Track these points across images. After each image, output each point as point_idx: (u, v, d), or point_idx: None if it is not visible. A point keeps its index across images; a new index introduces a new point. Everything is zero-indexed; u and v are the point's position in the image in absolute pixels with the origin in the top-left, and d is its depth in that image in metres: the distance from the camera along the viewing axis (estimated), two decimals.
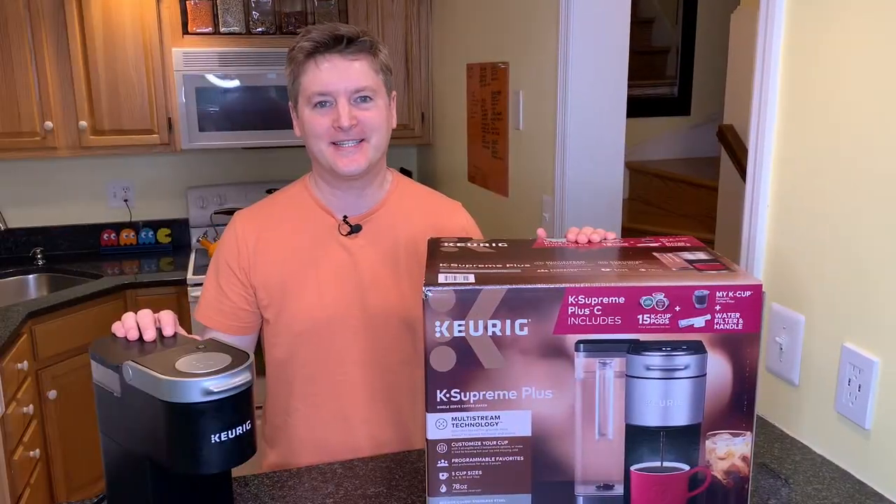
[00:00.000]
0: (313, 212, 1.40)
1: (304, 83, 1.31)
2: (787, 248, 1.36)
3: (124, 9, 3.08)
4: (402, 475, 1.26)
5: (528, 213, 2.57)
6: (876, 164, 1.14)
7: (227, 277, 1.40)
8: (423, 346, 0.95)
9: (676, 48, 4.63)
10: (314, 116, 1.31)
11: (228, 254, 1.40)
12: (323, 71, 1.29)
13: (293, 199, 1.43)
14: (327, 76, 1.28)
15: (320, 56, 1.29)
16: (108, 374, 1.02)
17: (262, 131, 3.29)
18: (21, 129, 3.05)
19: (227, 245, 1.41)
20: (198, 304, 1.44)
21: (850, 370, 1.21)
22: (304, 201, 1.42)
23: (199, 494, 1.08)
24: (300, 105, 1.33)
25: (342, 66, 1.29)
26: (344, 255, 1.38)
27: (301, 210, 1.41)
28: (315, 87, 1.29)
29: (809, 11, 1.27)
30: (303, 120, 1.33)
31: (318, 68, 1.29)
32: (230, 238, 1.41)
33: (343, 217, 1.39)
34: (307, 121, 1.32)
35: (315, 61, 1.29)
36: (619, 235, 1.27)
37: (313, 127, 1.31)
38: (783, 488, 1.20)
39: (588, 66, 2.19)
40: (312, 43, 1.29)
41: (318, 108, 1.30)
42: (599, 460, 0.99)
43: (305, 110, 1.32)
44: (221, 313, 1.41)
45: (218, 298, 1.41)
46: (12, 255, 3.43)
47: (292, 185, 1.47)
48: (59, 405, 2.76)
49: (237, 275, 1.39)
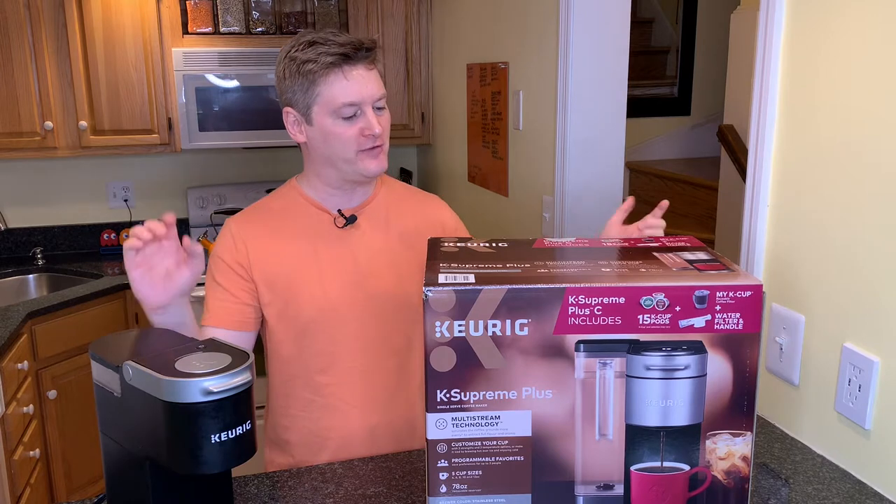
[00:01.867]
0: (307, 209, 1.42)
1: (329, 93, 1.30)
2: (787, 248, 1.36)
3: (124, 9, 3.08)
4: (402, 475, 1.26)
5: (528, 213, 2.57)
6: (876, 163, 1.14)
7: (228, 275, 1.40)
8: (423, 345, 0.95)
9: (676, 48, 4.63)
10: (341, 126, 1.31)
11: (226, 253, 1.40)
12: (351, 81, 1.30)
13: (284, 199, 1.45)
14: (357, 86, 1.30)
15: (347, 66, 1.30)
16: (108, 374, 1.02)
17: (262, 131, 3.29)
18: (21, 129, 3.05)
19: (224, 246, 1.41)
20: (203, 313, 1.42)
21: (850, 370, 1.21)
22: (296, 201, 1.43)
23: (199, 494, 1.08)
24: (317, 114, 1.32)
25: (366, 75, 1.32)
26: (342, 246, 1.41)
27: (294, 209, 1.43)
28: (345, 98, 1.29)
29: (809, 11, 1.27)
30: (322, 129, 1.33)
31: (345, 79, 1.29)
32: (226, 239, 1.41)
33: (338, 210, 1.42)
34: (331, 130, 1.32)
35: (343, 71, 1.29)
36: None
37: (340, 136, 1.32)
38: (783, 488, 1.20)
39: (588, 66, 2.19)
40: (336, 56, 1.29)
41: (347, 120, 1.31)
42: (599, 460, 0.99)
43: (327, 120, 1.31)
44: (228, 312, 1.39)
45: (222, 298, 1.40)
46: (12, 255, 3.43)
47: (278, 190, 1.48)
48: (59, 405, 2.76)
49: (237, 271, 1.39)
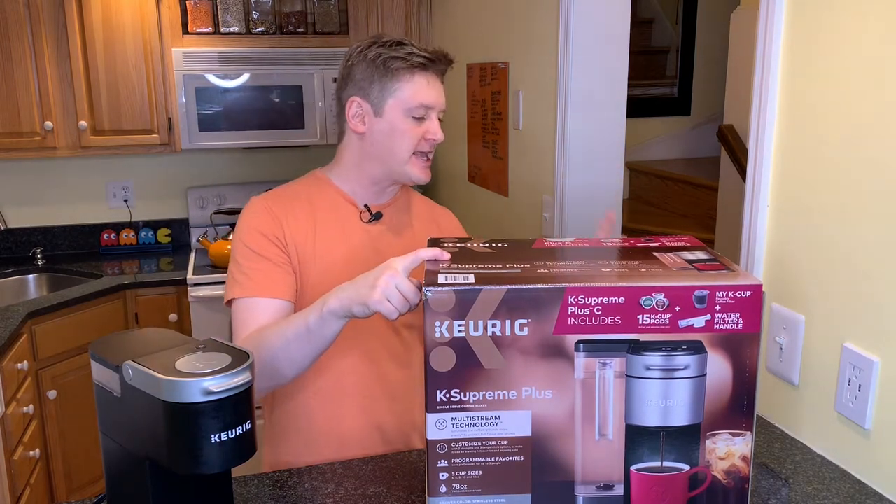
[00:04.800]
0: (334, 197, 1.45)
1: (410, 91, 1.37)
2: (787, 248, 1.36)
3: (124, 9, 3.08)
4: (402, 475, 1.26)
5: (528, 213, 2.57)
6: (876, 163, 1.14)
7: (269, 248, 1.36)
8: (423, 345, 0.95)
9: (676, 48, 4.63)
10: (411, 125, 1.38)
11: (264, 226, 1.37)
12: (431, 87, 1.39)
13: (310, 186, 1.46)
14: (435, 92, 1.39)
15: (430, 72, 1.39)
16: (108, 374, 1.02)
17: (262, 131, 3.29)
18: (21, 129, 3.05)
19: (261, 219, 1.38)
20: (236, 283, 1.36)
21: (850, 370, 1.21)
22: (324, 188, 1.45)
23: (199, 494, 1.08)
24: (391, 108, 1.37)
25: (439, 85, 1.41)
26: (366, 238, 1.44)
27: (322, 194, 1.45)
28: (424, 99, 1.37)
29: (809, 11, 1.27)
30: (391, 123, 1.38)
31: (427, 83, 1.38)
32: (261, 214, 1.38)
33: (364, 205, 1.45)
34: (399, 126, 1.37)
35: (426, 75, 1.38)
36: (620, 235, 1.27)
37: (406, 134, 1.38)
38: (783, 488, 1.20)
39: (588, 66, 2.19)
40: (426, 59, 1.37)
41: (418, 120, 1.38)
42: (599, 460, 0.99)
43: (399, 116, 1.37)
44: (284, 282, 1.36)
45: (266, 269, 1.36)
46: (12, 255, 3.43)
47: (302, 179, 1.49)
48: (59, 405, 2.76)
49: (276, 244, 1.37)
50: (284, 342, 1.24)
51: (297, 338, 1.22)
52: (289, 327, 1.23)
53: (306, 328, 1.21)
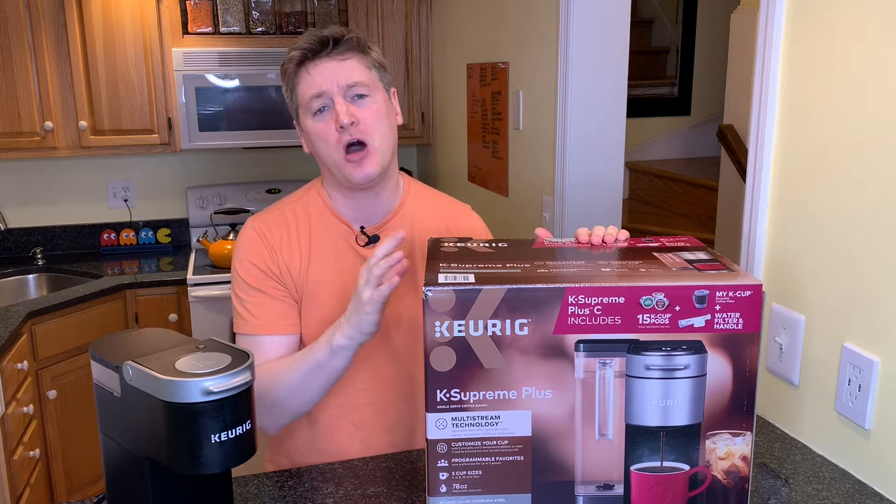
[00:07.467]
0: (329, 220, 1.38)
1: (300, 92, 1.30)
2: (787, 248, 1.36)
3: (124, 9, 3.08)
4: (402, 475, 1.26)
5: (528, 213, 2.57)
6: (876, 163, 1.14)
7: (264, 281, 1.34)
8: (423, 345, 0.95)
9: (676, 48, 4.63)
10: (317, 124, 1.29)
11: (257, 256, 1.34)
12: (314, 74, 1.28)
13: (307, 206, 1.40)
14: (319, 78, 1.28)
15: (310, 63, 1.28)
16: (108, 374, 1.02)
17: (262, 131, 3.29)
18: (21, 129, 3.05)
19: (252, 247, 1.35)
20: (240, 318, 1.36)
21: (850, 370, 1.21)
22: (319, 209, 1.39)
23: (199, 494, 1.08)
24: (302, 117, 1.32)
25: (335, 66, 1.28)
26: (361, 265, 1.34)
27: (317, 217, 1.38)
28: (310, 91, 1.28)
29: (809, 11, 1.27)
30: (308, 132, 1.32)
31: (309, 74, 1.28)
32: (251, 240, 1.36)
33: (360, 228, 1.38)
34: (311, 131, 1.30)
35: (306, 69, 1.29)
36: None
37: (319, 135, 1.29)
38: (783, 488, 1.20)
39: (588, 66, 2.19)
40: (300, 51, 1.28)
41: (319, 115, 1.29)
42: (599, 460, 0.99)
43: (308, 120, 1.30)
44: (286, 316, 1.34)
45: (266, 304, 1.34)
46: (12, 255, 3.43)
47: (303, 190, 1.43)
48: (59, 405, 2.76)
49: (270, 275, 1.34)
50: (298, 382, 1.27)
51: (310, 374, 1.26)
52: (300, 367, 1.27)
53: (317, 365, 1.24)
